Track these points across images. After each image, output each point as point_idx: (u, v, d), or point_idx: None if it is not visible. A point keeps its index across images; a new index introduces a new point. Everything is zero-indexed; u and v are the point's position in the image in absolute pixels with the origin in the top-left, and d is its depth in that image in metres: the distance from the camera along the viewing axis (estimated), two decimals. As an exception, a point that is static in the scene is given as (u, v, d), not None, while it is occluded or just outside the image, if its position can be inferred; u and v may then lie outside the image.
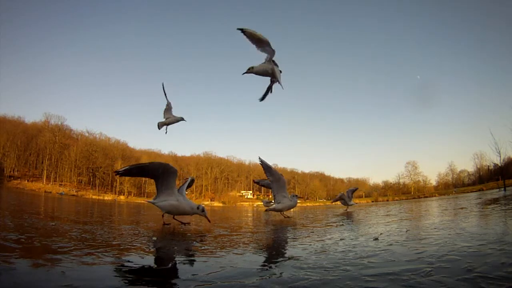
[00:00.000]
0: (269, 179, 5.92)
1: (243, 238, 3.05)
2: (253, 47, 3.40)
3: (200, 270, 1.67)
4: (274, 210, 6.05)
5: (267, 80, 3.87)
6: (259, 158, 5.92)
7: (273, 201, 6.32)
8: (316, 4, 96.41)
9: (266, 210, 7.52)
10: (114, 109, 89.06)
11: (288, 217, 6.32)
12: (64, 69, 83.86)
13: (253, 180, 5.96)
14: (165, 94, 6.53)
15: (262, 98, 4.08)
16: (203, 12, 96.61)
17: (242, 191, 66.42)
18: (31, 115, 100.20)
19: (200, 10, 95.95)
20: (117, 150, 58.40)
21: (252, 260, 1.93)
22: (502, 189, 17.85)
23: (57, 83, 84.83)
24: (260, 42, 3.36)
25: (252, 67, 3.52)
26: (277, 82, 3.69)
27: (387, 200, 48.01)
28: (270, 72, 3.55)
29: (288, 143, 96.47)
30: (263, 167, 5.90)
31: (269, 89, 3.97)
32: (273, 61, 3.55)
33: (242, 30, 3.30)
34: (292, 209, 8.65)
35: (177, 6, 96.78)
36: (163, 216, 4.23)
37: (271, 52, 3.47)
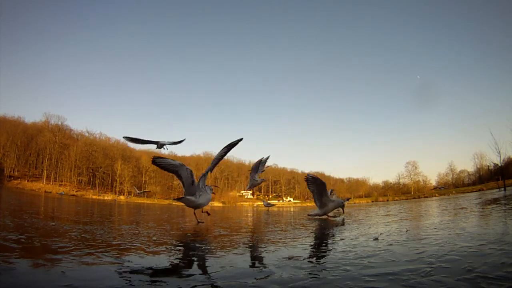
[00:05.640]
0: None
1: (243, 238, 3.05)
2: None
3: (200, 270, 1.67)
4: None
5: None
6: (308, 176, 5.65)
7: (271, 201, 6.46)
8: (316, 3, 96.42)
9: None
10: (114, 109, 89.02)
11: (335, 216, 6.18)
12: (64, 69, 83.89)
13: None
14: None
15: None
16: (204, 12, 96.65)
17: (242, 191, 66.40)
18: (31, 115, 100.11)
19: (201, 9, 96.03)
20: (117, 150, 58.32)
21: (252, 260, 1.93)
22: (502, 189, 17.83)
23: (57, 83, 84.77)
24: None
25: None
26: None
27: (387, 200, 48.00)
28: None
29: (288, 143, 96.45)
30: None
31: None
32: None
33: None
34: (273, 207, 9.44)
35: (178, 5, 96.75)
36: (195, 213, 4.79)
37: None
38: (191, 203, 4.33)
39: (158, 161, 4.22)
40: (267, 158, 9.97)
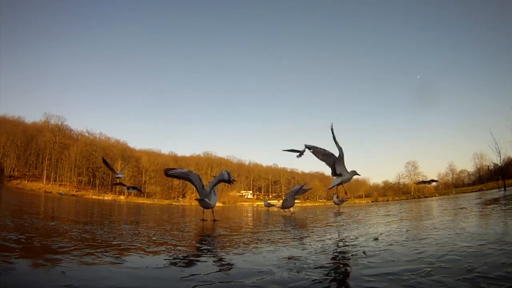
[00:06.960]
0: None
1: (243, 238, 3.05)
2: None
3: (200, 270, 1.67)
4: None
5: None
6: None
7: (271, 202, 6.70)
8: (316, 3, 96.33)
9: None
10: (114, 109, 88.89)
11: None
12: (64, 69, 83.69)
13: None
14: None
15: None
16: (204, 12, 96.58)
17: (242, 191, 66.38)
18: (31, 115, 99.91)
19: (201, 9, 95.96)
20: (117, 150, 58.27)
21: (252, 260, 1.92)
22: (502, 189, 17.83)
23: (57, 83, 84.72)
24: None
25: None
26: None
27: (387, 200, 47.95)
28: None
29: (288, 143, 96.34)
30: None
31: None
32: None
33: None
34: (291, 208, 9.15)
35: (178, 5, 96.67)
36: (203, 212, 5.70)
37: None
38: (207, 204, 5.11)
39: (170, 173, 4.95)
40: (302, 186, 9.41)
